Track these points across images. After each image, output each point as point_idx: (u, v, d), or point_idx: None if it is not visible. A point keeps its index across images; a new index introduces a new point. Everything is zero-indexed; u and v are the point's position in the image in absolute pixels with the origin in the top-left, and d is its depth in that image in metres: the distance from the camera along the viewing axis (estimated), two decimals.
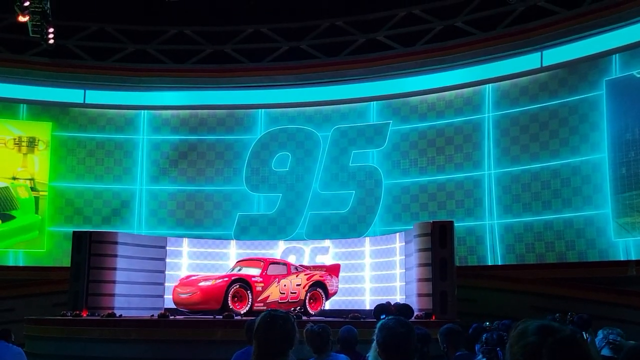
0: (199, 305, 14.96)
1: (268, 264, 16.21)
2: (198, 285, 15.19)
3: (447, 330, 6.26)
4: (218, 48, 21.93)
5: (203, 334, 13.31)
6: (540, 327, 2.62)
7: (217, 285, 14.94)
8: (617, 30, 17.01)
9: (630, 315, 15.13)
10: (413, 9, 20.55)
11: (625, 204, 16.44)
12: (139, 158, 21.51)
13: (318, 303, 16.48)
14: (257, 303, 15.17)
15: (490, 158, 18.99)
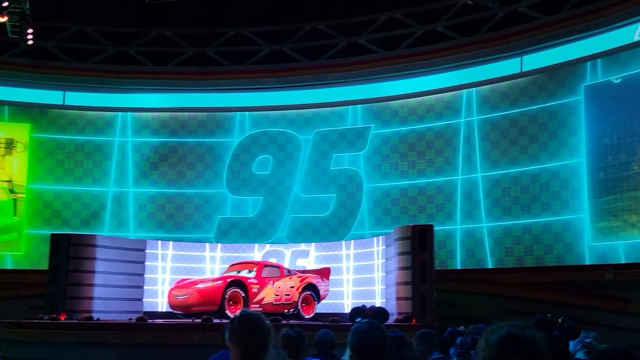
0: (196, 306, 14.92)
1: (262, 266, 16.28)
2: (195, 287, 15.18)
3: (422, 334, 6.29)
4: (199, 50, 21.87)
5: (181, 338, 13.22)
6: (502, 340, 2.59)
7: (215, 287, 14.99)
8: (596, 36, 17.18)
9: (607, 318, 15.25)
10: (394, 14, 20.63)
11: (603, 208, 16.59)
12: (119, 160, 21.37)
13: (310, 306, 16.56)
14: (252, 304, 15.19)
15: (470, 162, 19.08)
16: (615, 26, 16.79)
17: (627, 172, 16.26)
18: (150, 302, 17.83)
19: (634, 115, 16.26)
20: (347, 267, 18.17)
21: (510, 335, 2.60)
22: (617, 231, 16.34)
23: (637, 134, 16.18)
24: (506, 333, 2.61)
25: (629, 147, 16.30)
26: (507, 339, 2.59)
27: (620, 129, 16.48)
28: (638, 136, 16.17)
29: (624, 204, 16.27)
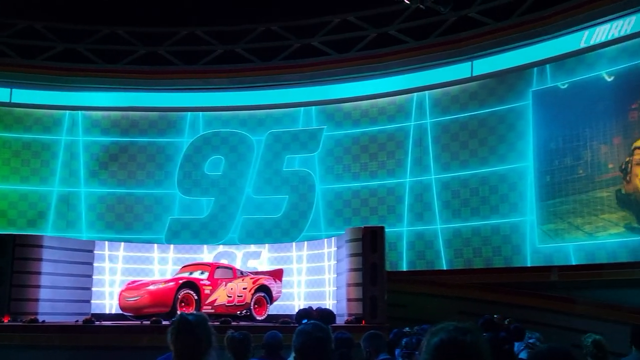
0: (147, 308, 14.71)
1: (215, 268, 16.15)
2: (146, 288, 14.98)
3: (370, 335, 6.32)
4: (151, 49, 21.62)
5: (129, 340, 13.07)
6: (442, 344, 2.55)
7: (167, 289, 14.82)
8: (544, 42, 17.57)
9: (553, 319, 15.59)
10: (348, 16, 20.73)
11: (549, 211, 16.96)
12: (67, 160, 20.98)
13: (263, 308, 16.54)
14: (205, 306, 15.09)
15: (421, 165, 19.28)
16: (562, 33, 17.19)
17: (573, 176, 16.65)
18: (99, 304, 17.55)
19: (579, 120, 16.66)
20: (299, 269, 18.17)
21: (450, 339, 2.55)
22: (562, 233, 16.72)
23: (583, 138, 16.58)
24: (446, 337, 2.55)
25: (575, 151, 16.70)
26: (446, 343, 2.54)
27: (566, 134, 16.87)
28: (583, 141, 16.57)
29: (569, 207, 16.65)
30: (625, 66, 16.04)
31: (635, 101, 15.85)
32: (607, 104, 16.24)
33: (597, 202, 16.20)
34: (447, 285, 17.50)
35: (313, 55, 20.94)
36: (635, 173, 15.28)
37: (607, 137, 16.21)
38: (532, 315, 15.74)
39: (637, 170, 15.25)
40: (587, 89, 16.62)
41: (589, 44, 16.77)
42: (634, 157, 15.28)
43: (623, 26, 16.16)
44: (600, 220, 16.11)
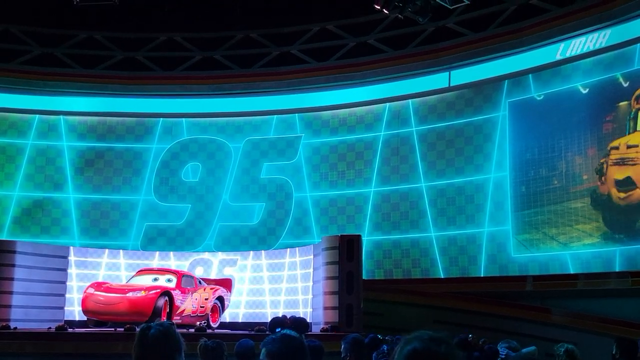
0: (124, 316, 14.35)
1: (181, 276, 15.96)
2: (126, 296, 14.65)
3: (353, 340, 6.28)
4: (129, 55, 21.51)
5: (103, 348, 12.93)
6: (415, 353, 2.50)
7: (148, 297, 14.54)
8: (520, 54, 17.75)
9: (527, 328, 15.69)
10: (327, 25, 20.79)
11: (525, 221, 17.10)
12: (42, 164, 20.76)
13: (216, 315, 16.48)
14: (175, 316, 14.87)
15: (398, 174, 19.35)
16: (538, 45, 17.40)
17: (548, 186, 16.82)
18: (72, 311, 17.30)
19: (555, 131, 16.83)
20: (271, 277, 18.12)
21: (423, 349, 2.49)
22: (537, 243, 16.86)
23: (558, 149, 16.75)
24: (420, 346, 2.50)
25: (550, 162, 16.86)
26: (419, 352, 2.49)
27: (541, 145, 17.04)
28: (558, 152, 16.75)
29: (544, 217, 16.81)
30: (600, 79, 16.25)
31: (609, 113, 16.06)
32: (582, 116, 16.44)
33: (572, 212, 16.37)
34: (423, 294, 17.56)
35: (292, 63, 20.97)
36: (610, 173, 15.46)
37: (582, 149, 16.40)
38: (507, 324, 15.85)
39: (612, 171, 15.42)
40: (562, 100, 16.81)
41: (565, 56, 16.97)
42: (610, 158, 15.47)
43: (598, 39, 16.38)
44: (574, 231, 16.27)
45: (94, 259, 17.99)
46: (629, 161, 15.14)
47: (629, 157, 15.19)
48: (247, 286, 18.23)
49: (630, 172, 15.19)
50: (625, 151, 15.28)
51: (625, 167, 15.24)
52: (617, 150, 15.44)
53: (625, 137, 15.41)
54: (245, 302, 18.14)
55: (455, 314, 16.75)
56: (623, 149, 15.31)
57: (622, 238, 15.42)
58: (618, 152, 15.39)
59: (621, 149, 15.34)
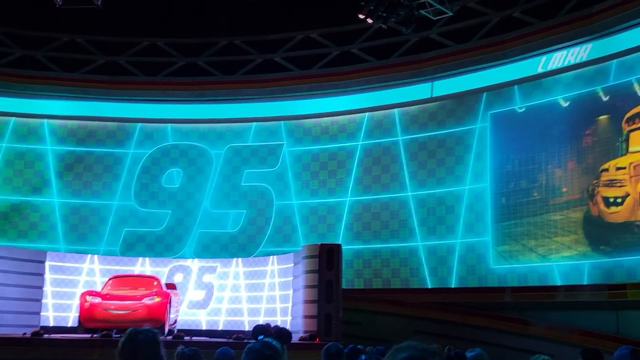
0: (141, 323, 14.03)
1: (160, 281, 15.83)
2: (142, 302, 14.43)
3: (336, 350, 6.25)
4: (111, 59, 21.39)
5: (79, 354, 12.80)
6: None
7: (162, 303, 14.44)
8: (502, 66, 17.87)
9: (505, 339, 15.76)
10: (311, 33, 20.82)
11: (504, 232, 17.18)
12: (21, 168, 20.54)
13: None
14: None
15: (380, 183, 19.37)
16: (520, 58, 17.54)
17: (527, 198, 16.92)
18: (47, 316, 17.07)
19: (535, 143, 16.95)
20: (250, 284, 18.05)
21: (418, 358, 2.52)
22: (516, 255, 16.94)
23: (538, 162, 16.87)
24: (415, 355, 2.53)
25: (530, 174, 16.98)
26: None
27: (522, 157, 17.16)
28: (538, 164, 16.86)
29: (523, 229, 16.90)
30: (580, 92, 16.41)
31: (589, 127, 16.20)
32: (563, 129, 16.57)
33: (551, 225, 16.47)
34: (403, 304, 17.56)
35: (275, 71, 20.97)
36: (601, 195, 15.51)
37: (562, 162, 16.53)
38: (485, 335, 15.90)
39: (602, 192, 15.48)
40: (543, 113, 16.94)
41: (546, 69, 17.12)
42: (601, 179, 15.52)
43: (579, 53, 16.54)
44: (553, 243, 16.37)
45: (72, 264, 17.79)
46: (617, 183, 15.20)
47: (617, 179, 15.25)
48: (228, 294, 18.14)
49: (618, 193, 15.23)
50: (614, 173, 15.35)
51: (614, 189, 15.28)
52: (607, 172, 15.47)
53: (615, 160, 15.43)
54: (225, 310, 18.03)
55: (435, 324, 16.77)
56: (612, 170, 15.37)
57: (601, 251, 15.53)
58: (608, 174, 15.44)
59: (610, 170, 15.40)
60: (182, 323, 17.17)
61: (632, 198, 14.90)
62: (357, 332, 16.26)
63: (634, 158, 15.01)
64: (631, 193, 14.92)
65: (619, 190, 15.14)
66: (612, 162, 15.49)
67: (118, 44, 21.46)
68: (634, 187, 14.86)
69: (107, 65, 21.39)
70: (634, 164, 14.97)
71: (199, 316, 18.01)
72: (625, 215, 15.04)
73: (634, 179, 14.90)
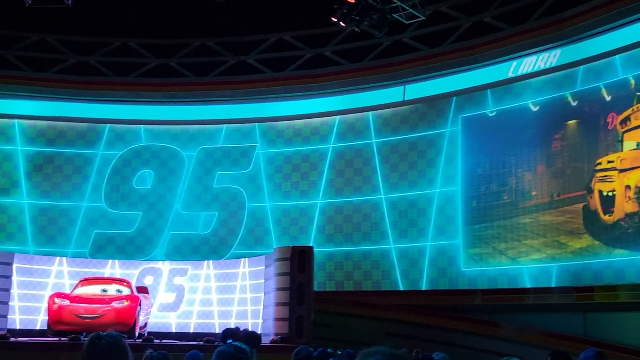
0: (109, 327, 13.80)
1: (131, 284, 15.68)
2: (111, 306, 14.27)
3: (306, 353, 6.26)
4: (82, 59, 21.17)
5: (47, 357, 12.63)
6: None
7: (132, 307, 14.28)
8: (473, 70, 18.03)
9: (476, 342, 15.90)
10: (284, 35, 20.82)
11: (475, 235, 17.32)
12: None
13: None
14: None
15: (353, 186, 19.42)
16: (491, 63, 17.71)
17: (498, 202, 17.09)
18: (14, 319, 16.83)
19: (506, 147, 17.13)
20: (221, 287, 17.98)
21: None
22: (487, 258, 17.09)
23: (509, 165, 17.04)
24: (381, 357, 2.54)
25: (501, 178, 17.14)
26: None
27: (493, 161, 17.32)
28: (509, 168, 17.04)
29: (494, 232, 17.06)
30: (550, 97, 16.61)
31: (558, 131, 16.41)
32: (533, 133, 16.77)
33: (521, 228, 16.65)
34: (374, 306, 17.63)
35: (248, 73, 20.93)
36: (598, 189, 15.53)
37: (532, 166, 16.72)
38: (456, 337, 16.03)
39: (598, 187, 15.52)
40: (514, 117, 17.13)
41: (517, 74, 17.31)
42: (596, 175, 15.55)
43: (549, 59, 16.75)
44: (523, 246, 16.54)
45: (40, 266, 17.57)
46: (608, 179, 15.28)
47: (608, 174, 15.31)
48: (200, 296, 18.05)
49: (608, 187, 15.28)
50: (606, 166, 15.40)
51: (606, 185, 15.31)
52: (600, 166, 15.50)
53: (607, 156, 15.44)
54: (197, 313, 17.94)
55: (406, 326, 16.86)
56: (605, 164, 15.44)
57: (568, 254, 15.73)
58: (600, 167, 15.47)
59: (603, 164, 15.47)
60: (153, 326, 17.03)
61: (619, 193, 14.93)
62: (329, 334, 16.29)
63: (622, 154, 15.07)
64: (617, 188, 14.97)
65: (609, 186, 15.17)
66: (604, 158, 15.47)
67: (89, 44, 21.25)
68: (621, 181, 14.91)
69: (78, 65, 21.16)
70: (621, 158, 15.08)
71: (170, 319, 17.89)
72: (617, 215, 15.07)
73: (622, 173, 14.95)
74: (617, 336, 14.32)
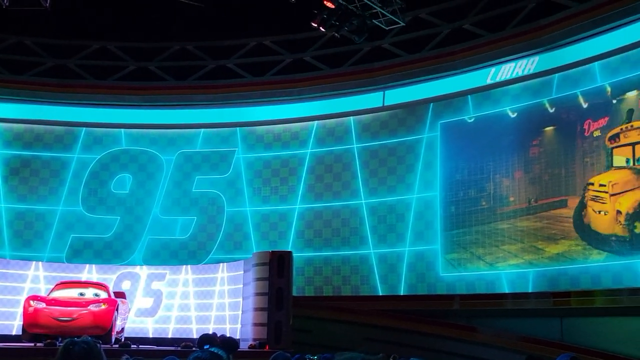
0: (87, 330, 13.60)
1: (108, 288, 15.55)
2: (88, 308, 14.08)
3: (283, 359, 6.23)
4: (60, 62, 20.99)
5: None
6: None
7: (109, 310, 14.11)
8: (452, 76, 18.14)
9: (454, 346, 15.97)
10: (264, 40, 20.82)
11: (453, 240, 17.41)
12: None
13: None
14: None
15: (332, 191, 19.44)
16: (470, 69, 17.83)
17: (476, 207, 17.19)
18: None
19: (484, 153, 17.25)
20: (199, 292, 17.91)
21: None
22: (465, 263, 17.18)
23: (487, 171, 17.16)
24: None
25: (479, 183, 17.25)
26: None
27: (471, 166, 17.43)
28: (487, 173, 17.15)
29: (472, 237, 17.15)
30: (527, 104, 16.75)
31: (536, 137, 16.56)
32: (510, 139, 16.90)
33: (498, 233, 16.76)
34: (353, 311, 17.63)
35: (228, 77, 20.88)
36: (590, 206, 15.53)
37: (509, 171, 16.85)
38: (434, 342, 16.09)
39: (590, 204, 15.52)
40: (492, 123, 17.25)
41: (495, 80, 17.44)
42: (588, 193, 15.53)
43: (527, 65, 16.91)
44: (500, 251, 16.65)
45: (16, 270, 17.39)
46: (600, 199, 15.33)
47: (599, 195, 15.35)
48: (178, 301, 17.96)
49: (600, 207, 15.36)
50: (597, 188, 15.45)
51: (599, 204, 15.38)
52: (592, 186, 15.54)
53: (599, 176, 15.45)
54: (175, 318, 17.84)
55: (384, 331, 16.88)
56: (596, 186, 15.47)
57: (545, 259, 15.86)
58: (592, 188, 15.51)
59: (595, 186, 15.49)
60: (130, 331, 16.92)
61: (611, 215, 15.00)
62: (308, 339, 16.27)
63: (613, 177, 15.13)
64: (609, 211, 15.04)
65: (600, 206, 15.27)
66: (597, 177, 15.42)
67: (67, 47, 21.08)
68: (612, 205, 14.99)
69: (55, 68, 20.97)
70: (612, 182, 15.17)
71: (147, 324, 17.78)
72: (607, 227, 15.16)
73: (613, 197, 15.03)
74: (592, 341, 14.45)
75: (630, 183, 14.75)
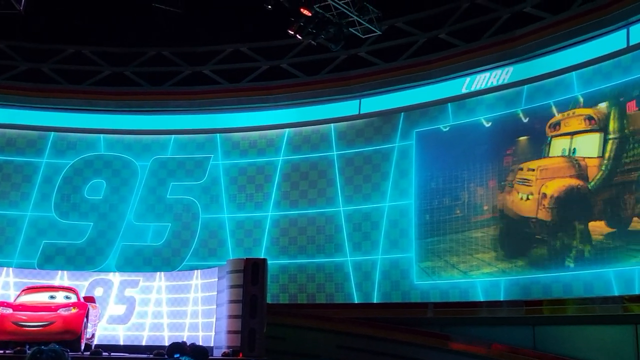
0: (57, 335, 13.33)
1: (78, 292, 15.37)
2: (57, 313, 13.84)
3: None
4: (34, 66, 20.77)
5: None
6: None
7: (80, 314, 13.91)
8: (428, 85, 18.25)
9: (427, 355, 16.01)
10: (240, 46, 20.79)
11: (428, 249, 17.48)
12: None
13: None
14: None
15: (307, 198, 19.42)
16: (445, 78, 17.96)
17: (450, 215, 17.28)
18: None
19: (459, 162, 17.36)
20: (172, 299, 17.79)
21: None
22: (439, 271, 17.25)
23: (461, 180, 17.27)
24: None
25: (453, 191, 17.35)
26: None
27: (446, 175, 17.53)
28: (461, 182, 17.26)
29: (446, 246, 17.23)
30: (501, 113, 16.90)
31: (510, 147, 16.70)
32: (485, 149, 17.04)
33: (472, 241, 16.86)
34: (327, 319, 17.61)
35: (204, 83, 20.81)
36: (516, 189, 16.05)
37: (483, 180, 16.97)
38: (408, 350, 16.13)
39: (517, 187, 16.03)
40: (466, 133, 17.38)
41: (470, 90, 17.58)
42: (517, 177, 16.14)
43: (501, 75, 17.07)
44: (474, 260, 16.75)
45: None
46: (526, 182, 15.89)
47: (527, 178, 15.95)
48: (151, 309, 17.81)
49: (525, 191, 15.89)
50: (525, 173, 16.00)
51: (524, 187, 15.96)
52: (521, 171, 16.10)
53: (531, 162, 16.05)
54: (148, 325, 17.69)
55: (358, 339, 16.88)
56: (525, 170, 16.02)
57: (518, 268, 15.98)
58: (521, 173, 16.09)
59: (524, 170, 16.03)
60: (102, 338, 16.74)
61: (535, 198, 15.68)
62: (281, 347, 16.23)
63: (544, 163, 15.75)
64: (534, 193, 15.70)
65: (526, 190, 15.84)
66: (528, 163, 16.12)
67: (41, 51, 20.85)
68: (537, 188, 15.68)
69: (29, 72, 20.74)
70: (541, 167, 15.74)
71: (118, 331, 17.60)
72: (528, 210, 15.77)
73: (539, 181, 15.74)
74: (564, 349, 14.58)
75: (561, 171, 15.47)
